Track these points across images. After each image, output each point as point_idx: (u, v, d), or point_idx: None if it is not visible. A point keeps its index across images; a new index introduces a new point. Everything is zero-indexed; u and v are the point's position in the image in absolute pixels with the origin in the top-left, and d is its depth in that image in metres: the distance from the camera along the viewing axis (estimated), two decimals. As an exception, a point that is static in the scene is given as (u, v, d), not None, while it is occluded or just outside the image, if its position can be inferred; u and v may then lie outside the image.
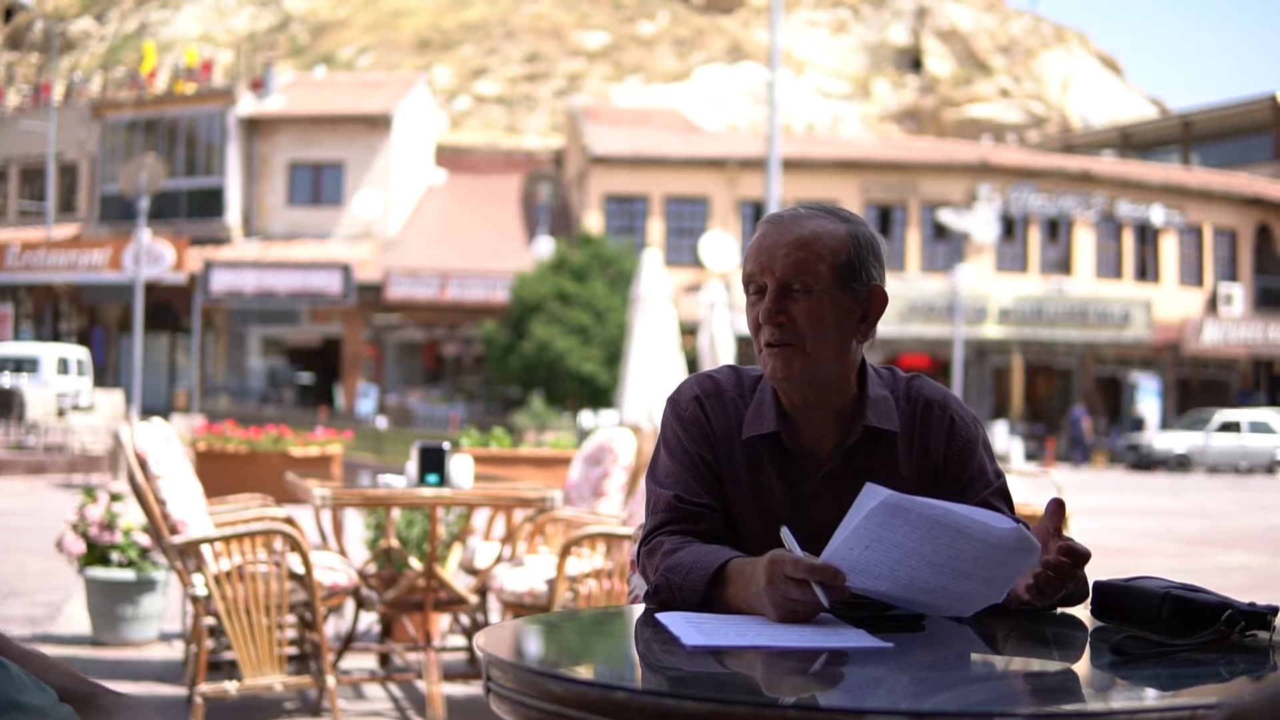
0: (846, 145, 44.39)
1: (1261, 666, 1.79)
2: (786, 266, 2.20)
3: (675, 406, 2.32)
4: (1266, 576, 11.26)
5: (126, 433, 4.90)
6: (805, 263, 2.20)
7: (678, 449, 2.28)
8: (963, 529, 1.87)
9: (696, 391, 2.31)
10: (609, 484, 5.88)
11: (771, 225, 2.26)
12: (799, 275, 2.20)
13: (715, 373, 2.36)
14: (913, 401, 2.30)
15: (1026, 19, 76.04)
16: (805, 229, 2.22)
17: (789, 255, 2.20)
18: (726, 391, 2.31)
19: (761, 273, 2.22)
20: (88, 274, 35.23)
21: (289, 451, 12.96)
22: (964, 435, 2.29)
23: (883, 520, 1.87)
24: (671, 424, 2.31)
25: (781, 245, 2.21)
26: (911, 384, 2.33)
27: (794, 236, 2.21)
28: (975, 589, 1.95)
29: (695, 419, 2.28)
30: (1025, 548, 1.90)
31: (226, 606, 4.60)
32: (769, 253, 2.22)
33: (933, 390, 2.32)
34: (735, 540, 2.20)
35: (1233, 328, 39.03)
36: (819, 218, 2.25)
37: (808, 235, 2.21)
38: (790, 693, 1.68)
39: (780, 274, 2.20)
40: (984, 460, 2.30)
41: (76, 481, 17.51)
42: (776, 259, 2.21)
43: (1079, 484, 23.02)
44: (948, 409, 2.30)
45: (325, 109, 38.51)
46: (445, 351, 38.85)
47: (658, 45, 69.00)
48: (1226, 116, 49.98)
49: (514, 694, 1.67)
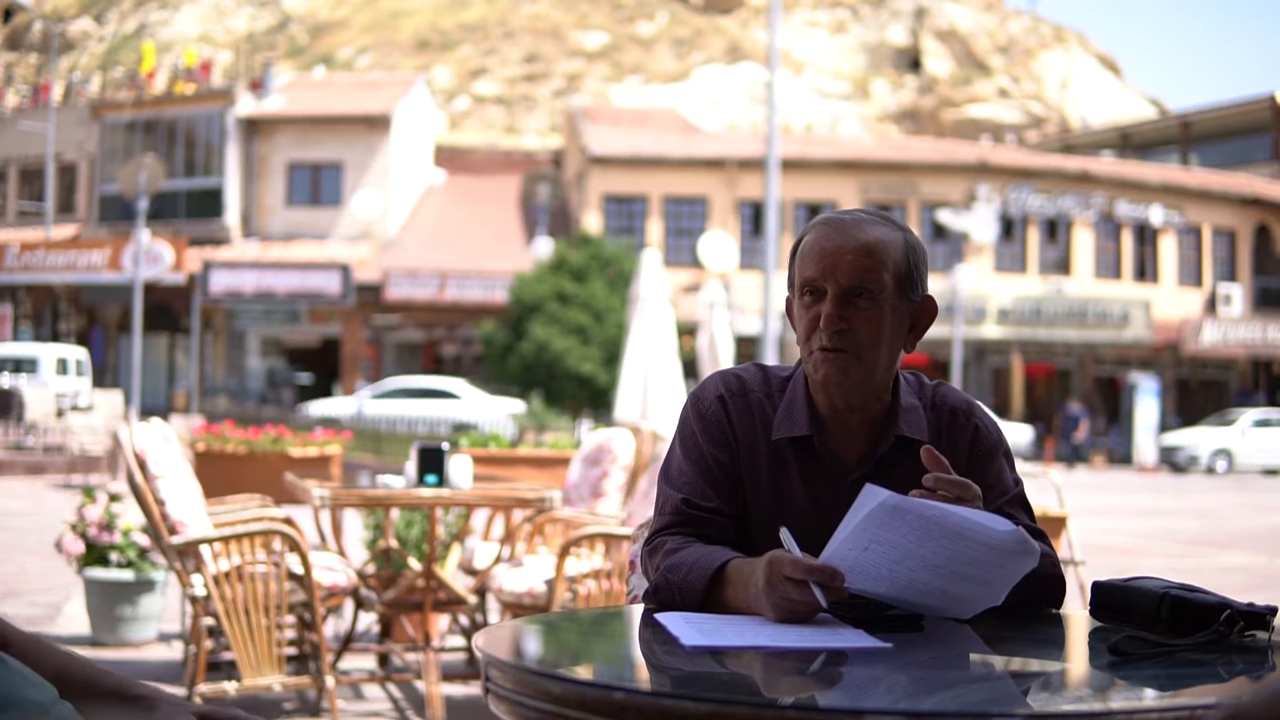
0: (845, 145, 44.39)
1: (1260, 667, 1.79)
2: (853, 272, 2.15)
3: (697, 404, 2.28)
4: (1266, 576, 11.27)
5: (125, 433, 4.90)
6: (872, 270, 2.16)
7: (694, 449, 2.25)
8: (961, 531, 1.87)
9: (721, 390, 2.27)
10: (608, 484, 5.88)
11: (833, 228, 2.20)
12: (865, 283, 2.15)
13: (741, 371, 2.31)
14: (938, 409, 2.29)
15: (1025, 19, 76.11)
16: (870, 235, 2.18)
17: (856, 261, 2.15)
18: (753, 391, 2.27)
19: (824, 277, 2.16)
20: (87, 274, 35.24)
21: (288, 452, 12.95)
22: (986, 443, 2.28)
23: (882, 521, 1.87)
24: (691, 422, 2.27)
25: (848, 250, 2.16)
26: (937, 391, 2.32)
27: (860, 243, 2.16)
28: (974, 591, 1.95)
29: (717, 419, 2.25)
30: (1024, 550, 1.90)
31: (225, 607, 4.60)
32: (833, 257, 2.16)
33: (957, 399, 2.32)
34: (746, 544, 2.18)
35: (1232, 328, 39.02)
36: (880, 224, 2.21)
37: (873, 242, 2.17)
38: (788, 693, 1.68)
39: (845, 280, 2.15)
40: (1003, 468, 2.29)
41: (75, 482, 17.50)
42: (842, 264, 2.15)
43: (1076, 484, 23.02)
44: (972, 417, 2.29)
45: (324, 109, 38.51)
46: (444, 352, 38.85)
47: (656, 45, 69.02)
48: (1225, 117, 49.97)
49: (512, 694, 1.67)
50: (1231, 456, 33.69)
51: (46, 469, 19.22)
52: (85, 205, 39.79)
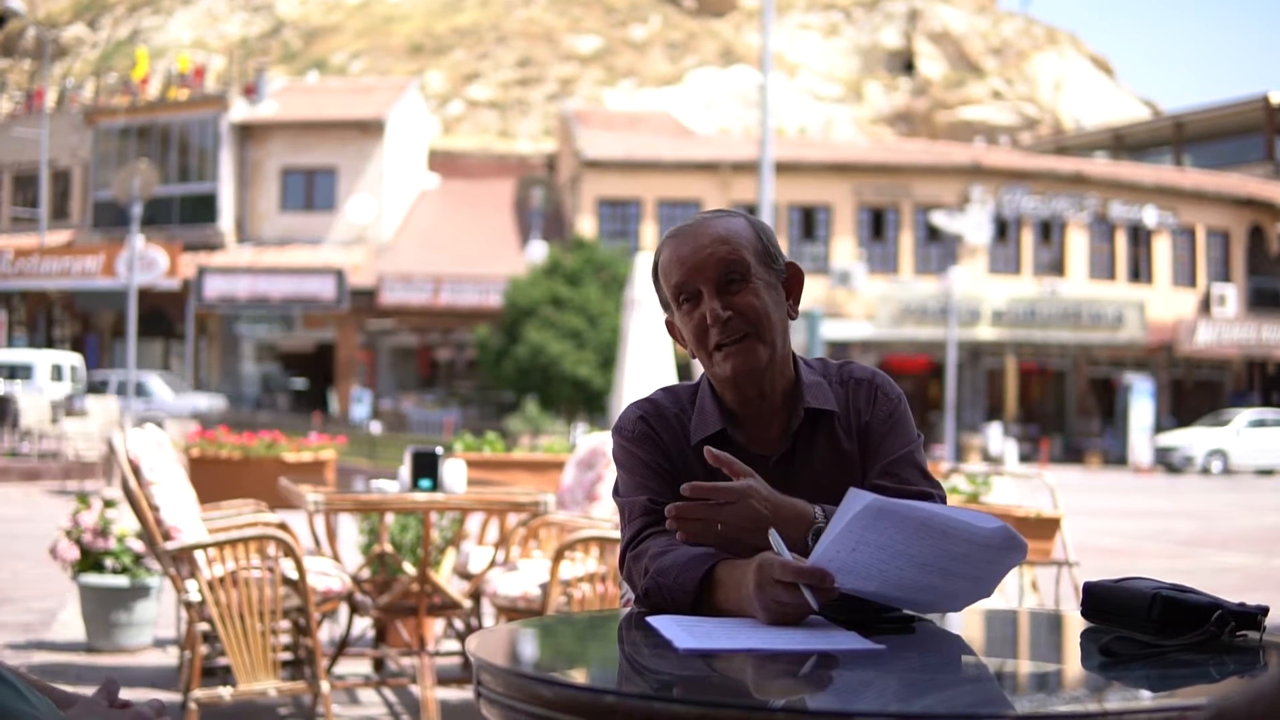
0: (839, 148, 44.42)
1: (1251, 667, 1.79)
2: (718, 265, 2.25)
3: (622, 432, 2.35)
4: (1259, 577, 11.28)
5: (119, 439, 4.89)
6: (733, 255, 2.25)
7: (635, 464, 2.32)
8: (947, 530, 1.88)
9: (639, 413, 2.35)
10: (602, 488, 5.88)
11: (682, 237, 2.30)
12: (732, 270, 2.25)
13: (651, 395, 2.40)
14: (845, 383, 2.37)
15: (1018, 21, 76.19)
16: (717, 228, 2.28)
17: (715, 252, 2.25)
18: (667, 409, 2.35)
19: (691, 279, 2.26)
20: (81, 280, 35.22)
21: (282, 457, 12.92)
22: (885, 405, 2.34)
23: (868, 524, 1.88)
24: (623, 447, 2.34)
25: (705, 247, 2.26)
26: (843, 368, 2.40)
27: (711, 236, 2.27)
28: (964, 586, 1.95)
29: (645, 435, 2.32)
30: (1011, 545, 1.91)
31: (220, 612, 4.59)
32: (693, 258, 2.26)
33: (862, 370, 2.40)
34: None
35: (1226, 328, 39.05)
36: (720, 217, 2.32)
37: (723, 232, 2.27)
38: (780, 695, 1.68)
39: (714, 273, 2.25)
40: (900, 425, 2.34)
41: (70, 488, 17.48)
42: (705, 261, 2.25)
43: (1071, 485, 23.03)
44: (874, 383, 2.37)
45: (318, 114, 38.49)
46: (439, 356, 38.84)
47: (650, 49, 69.04)
48: (1219, 117, 50.02)
49: (504, 698, 1.67)
50: (1226, 457, 33.71)
51: (41, 475, 19.19)
52: (79, 211, 39.75)
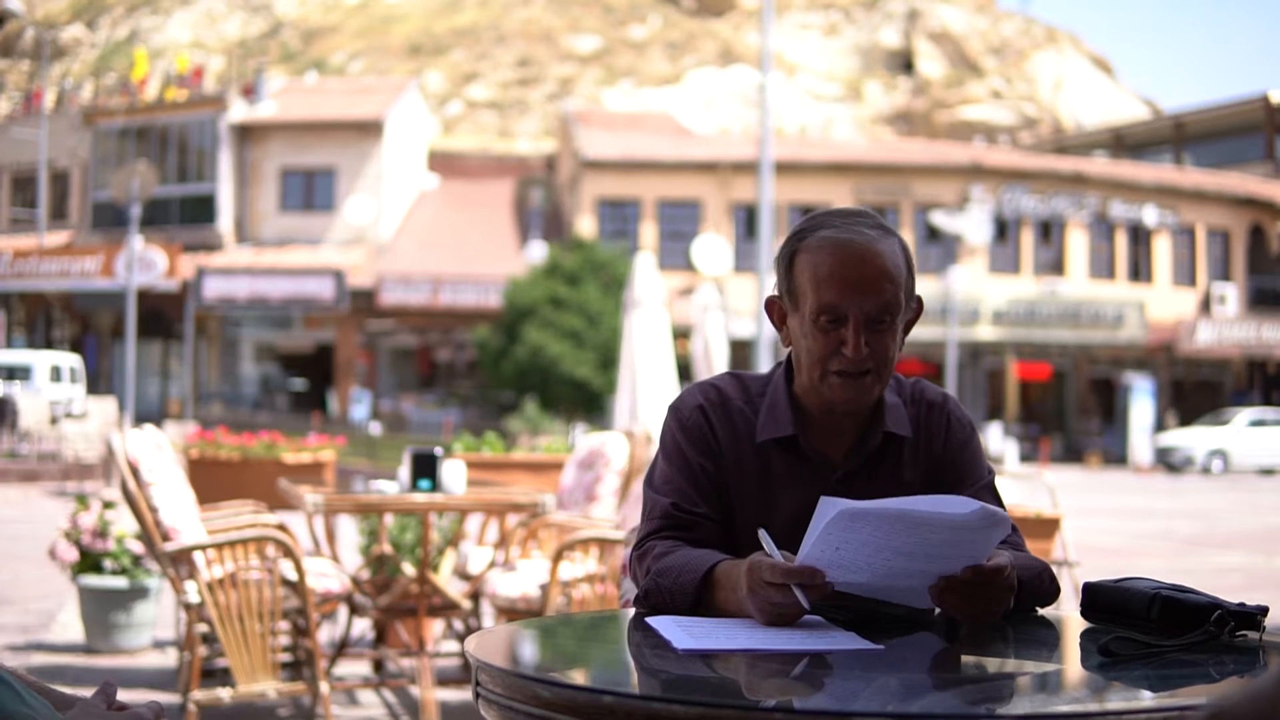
0: (838, 148, 44.43)
1: (1251, 667, 1.79)
2: (878, 302, 2.16)
3: (678, 415, 2.30)
4: (1260, 577, 11.27)
5: (119, 440, 4.89)
6: (893, 298, 2.17)
7: (678, 457, 2.27)
8: (923, 520, 1.88)
9: (700, 400, 2.30)
10: (601, 488, 5.87)
11: (848, 252, 2.17)
12: (886, 310, 2.17)
13: (717, 381, 2.34)
14: (917, 404, 2.34)
15: (1018, 20, 76.21)
16: (885, 260, 2.17)
17: (881, 290, 2.15)
18: (732, 400, 2.30)
19: (846, 305, 2.15)
20: (80, 281, 35.20)
21: (282, 458, 12.92)
22: (959, 435, 2.33)
23: (845, 526, 1.90)
24: (673, 432, 2.30)
25: (871, 279, 2.15)
26: (915, 388, 2.36)
27: (878, 269, 2.15)
28: (955, 567, 1.95)
29: (698, 427, 2.28)
30: (991, 523, 1.91)
31: (219, 613, 4.59)
32: (858, 286, 2.15)
33: (934, 393, 2.37)
34: (732, 548, 2.19)
35: (1226, 328, 39.05)
36: (881, 237, 2.19)
37: (889, 266, 2.16)
38: (777, 695, 1.68)
39: (871, 309, 2.15)
40: (976, 456, 2.35)
41: (69, 489, 17.47)
42: (867, 292, 2.15)
43: (1072, 485, 23.03)
44: (946, 409, 2.34)
45: (317, 115, 38.48)
46: (438, 357, 38.83)
47: (649, 49, 69.06)
48: (1219, 117, 50.02)
49: (502, 699, 1.67)
50: (1227, 456, 33.70)
51: (40, 476, 19.18)
52: (78, 212, 39.74)
